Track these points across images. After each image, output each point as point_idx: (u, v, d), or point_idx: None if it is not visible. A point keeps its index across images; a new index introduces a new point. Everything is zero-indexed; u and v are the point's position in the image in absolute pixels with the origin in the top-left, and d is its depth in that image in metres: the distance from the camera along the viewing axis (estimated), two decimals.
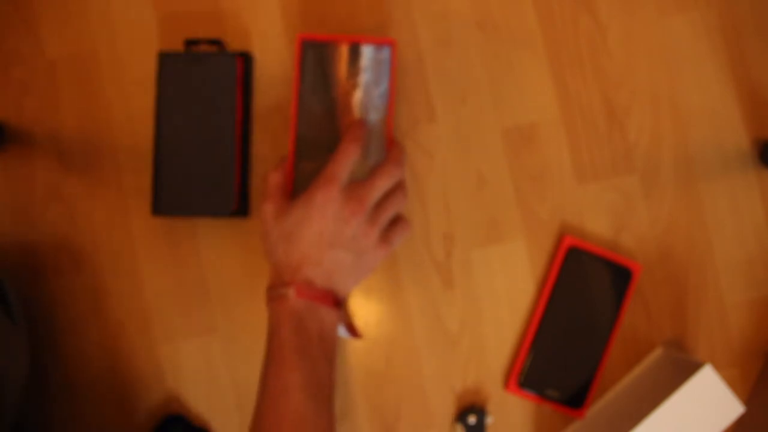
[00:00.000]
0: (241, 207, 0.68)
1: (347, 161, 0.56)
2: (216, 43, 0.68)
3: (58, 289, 0.69)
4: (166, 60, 0.66)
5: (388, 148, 0.61)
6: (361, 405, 0.69)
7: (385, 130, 0.66)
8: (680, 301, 0.71)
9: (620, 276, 0.68)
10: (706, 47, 0.72)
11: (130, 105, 0.70)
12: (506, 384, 0.69)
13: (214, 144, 0.66)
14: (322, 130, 0.66)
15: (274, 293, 0.53)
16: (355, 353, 0.70)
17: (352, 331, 0.63)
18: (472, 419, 0.68)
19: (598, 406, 0.70)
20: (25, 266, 0.69)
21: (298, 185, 0.67)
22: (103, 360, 0.69)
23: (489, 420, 0.68)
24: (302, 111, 0.66)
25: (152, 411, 0.69)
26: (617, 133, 0.71)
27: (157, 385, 0.69)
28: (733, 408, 0.61)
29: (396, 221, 0.58)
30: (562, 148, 0.71)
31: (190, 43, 0.68)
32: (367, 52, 0.66)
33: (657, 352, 0.70)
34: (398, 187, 0.58)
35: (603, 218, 0.71)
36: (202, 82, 0.66)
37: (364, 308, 0.70)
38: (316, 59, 0.66)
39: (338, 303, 0.55)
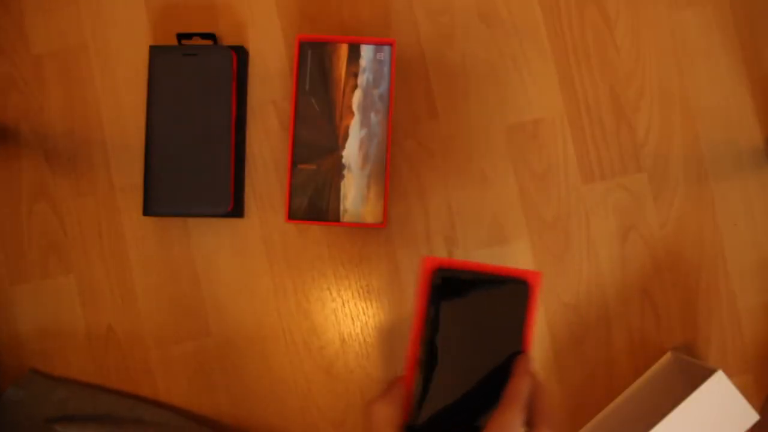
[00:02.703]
0: (236, 207, 0.66)
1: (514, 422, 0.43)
2: (209, 36, 0.66)
3: (45, 291, 0.67)
4: (157, 54, 0.64)
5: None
6: (361, 412, 0.67)
7: (385, 131, 0.66)
8: (691, 304, 0.69)
9: (514, 292, 0.48)
10: (719, 40, 0.70)
11: (121, 101, 0.68)
12: None
13: (209, 141, 0.64)
14: (321, 131, 0.65)
15: None
16: (355, 359, 0.68)
17: None
18: None
19: (607, 412, 0.68)
20: (11, 268, 0.67)
21: (297, 187, 0.65)
22: (91, 366, 0.67)
23: None
24: (300, 112, 0.65)
25: None
26: (625, 129, 0.69)
27: (149, 391, 0.67)
28: (748, 416, 0.60)
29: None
30: (567, 146, 0.69)
31: (183, 36, 0.66)
32: (366, 52, 0.66)
33: (667, 358, 0.68)
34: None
35: (610, 218, 0.69)
36: (196, 77, 0.64)
37: (365, 313, 0.68)
38: (315, 60, 0.65)
39: None
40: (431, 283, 0.47)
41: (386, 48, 0.66)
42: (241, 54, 0.67)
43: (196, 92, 0.64)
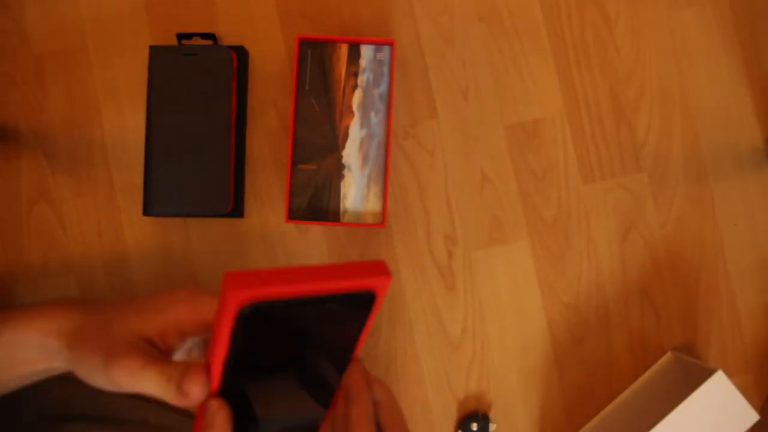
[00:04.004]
0: (236, 207, 0.66)
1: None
2: (209, 36, 0.66)
3: (45, 291, 0.67)
4: (157, 54, 0.64)
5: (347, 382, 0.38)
6: None
7: (385, 131, 0.66)
8: (691, 304, 0.69)
9: (352, 307, 0.34)
10: (719, 40, 0.70)
11: (120, 101, 0.68)
12: None
13: (209, 141, 0.64)
14: (321, 131, 0.65)
15: None
16: None
17: None
18: (474, 426, 0.66)
19: (607, 412, 0.68)
20: (11, 268, 0.67)
21: (297, 187, 0.65)
22: None
23: (492, 427, 0.66)
24: (300, 112, 0.65)
25: None
26: (625, 129, 0.69)
27: None
28: (748, 415, 0.60)
29: None
30: (567, 146, 0.69)
31: (183, 36, 0.66)
32: (366, 52, 0.66)
33: (667, 358, 0.68)
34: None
35: (610, 218, 0.69)
36: (196, 77, 0.64)
37: None
38: (315, 60, 0.65)
39: None
40: (237, 320, 0.31)
41: (386, 48, 0.66)
42: (241, 54, 0.67)
43: (196, 92, 0.64)
